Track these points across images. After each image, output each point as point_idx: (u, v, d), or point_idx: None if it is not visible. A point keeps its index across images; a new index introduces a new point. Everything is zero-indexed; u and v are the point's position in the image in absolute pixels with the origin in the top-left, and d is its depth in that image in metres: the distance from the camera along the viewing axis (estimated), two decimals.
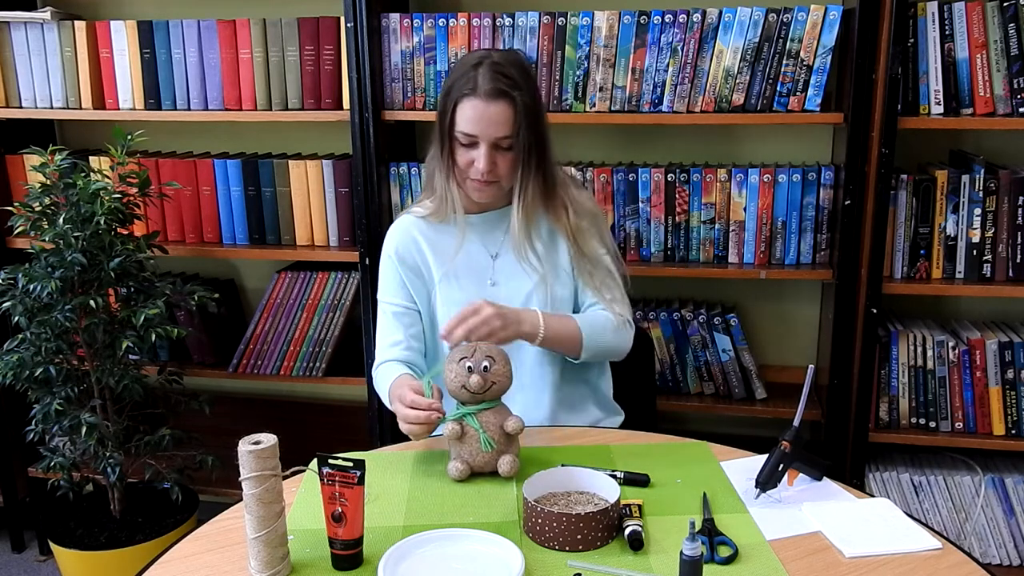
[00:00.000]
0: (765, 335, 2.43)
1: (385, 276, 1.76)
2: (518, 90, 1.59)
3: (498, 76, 1.58)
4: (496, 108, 1.58)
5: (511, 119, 1.59)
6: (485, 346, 1.43)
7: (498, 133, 1.59)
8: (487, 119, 1.58)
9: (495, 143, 1.60)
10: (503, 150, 1.62)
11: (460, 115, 1.60)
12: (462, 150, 1.63)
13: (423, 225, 1.75)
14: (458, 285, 1.72)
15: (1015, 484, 2.14)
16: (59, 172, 2.07)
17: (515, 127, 1.59)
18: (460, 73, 1.61)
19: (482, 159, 1.60)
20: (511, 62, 1.62)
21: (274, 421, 2.66)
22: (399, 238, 1.76)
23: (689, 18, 2.03)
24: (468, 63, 1.61)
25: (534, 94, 1.64)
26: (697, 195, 2.16)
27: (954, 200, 2.02)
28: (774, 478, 1.35)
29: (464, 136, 1.61)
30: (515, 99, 1.58)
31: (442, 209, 1.70)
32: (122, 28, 2.30)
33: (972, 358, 2.09)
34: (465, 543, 1.20)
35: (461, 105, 1.60)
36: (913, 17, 1.95)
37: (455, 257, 1.71)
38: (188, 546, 1.25)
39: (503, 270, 1.73)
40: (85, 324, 2.06)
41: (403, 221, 1.78)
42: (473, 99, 1.58)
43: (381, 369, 1.70)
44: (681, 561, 1.05)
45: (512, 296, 1.70)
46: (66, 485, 2.20)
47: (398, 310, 1.73)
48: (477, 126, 1.59)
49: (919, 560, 1.19)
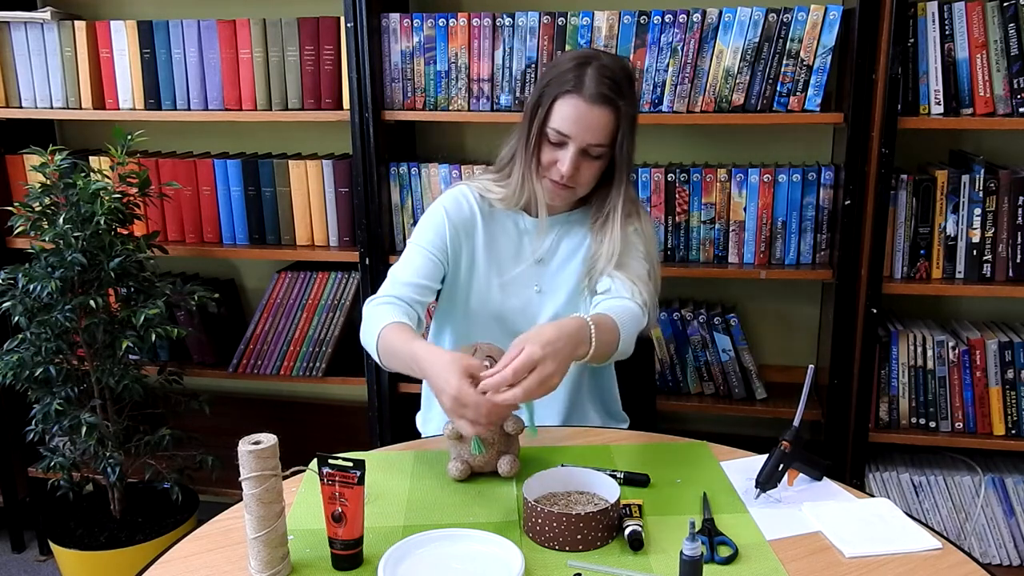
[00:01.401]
0: (765, 335, 2.43)
1: (429, 224, 1.65)
2: (623, 99, 1.52)
3: (606, 80, 1.51)
4: (598, 113, 1.51)
5: (610, 127, 1.53)
6: (486, 346, 1.42)
7: (593, 139, 1.53)
8: (585, 122, 1.52)
9: (585, 148, 1.54)
10: (591, 157, 1.56)
11: (557, 111, 1.53)
12: (549, 147, 1.56)
13: (484, 207, 1.67)
14: (502, 283, 1.66)
15: (1015, 484, 2.14)
16: (59, 172, 2.07)
17: (611, 136, 1.54)
18: (564, 68, 1.54)
19: (567, 162, 1.54)
20: (620, 68, 1.55)
21: (274, 421, 2.66)
22: (457, 203, 1.67)
23: (689, 18, 2.03)
24: (572, 59, 1.54)
25: (636, 107, 1.58)
26: (697, 195, 2.16)
27: (954, 200, 2.02)
28: (774, 478, 1.35)
29: (555, 134, 1.54)
30: (619, 108, 1.52)
31: (513, 198, 1.63)
32: (122, 28, 2.30)
33: (972, 358, 2.09)
34: (465, 543, 1.20)
35: (561, 101, 1.52)
36: (913, 17, 1.95)
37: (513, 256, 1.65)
38: (188, 546, 1.25)
39: (548, 278, 1.67)
40: (85, 324, 2.06)
41: (467, 193, 1.68)
42: (576, 98, 1.51)
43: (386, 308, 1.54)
44: (681, 561, 1.05)
45: (550, 306, 1.66)
46: (66, 485, 2.20)
47: (431, 257, 1.63)
48: (574, 127, 1.52)
49: (919, 560, 1.19)
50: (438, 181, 2.25)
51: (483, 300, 1.67)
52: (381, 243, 2.26)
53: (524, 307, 1.67)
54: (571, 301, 1.66)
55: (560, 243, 1.67)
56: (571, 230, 1.68)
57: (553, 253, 1.68)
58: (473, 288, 1.67)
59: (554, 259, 1.67)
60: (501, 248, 1.67)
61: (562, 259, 1.67)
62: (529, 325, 1.56)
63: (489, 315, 1.67)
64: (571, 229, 1.68)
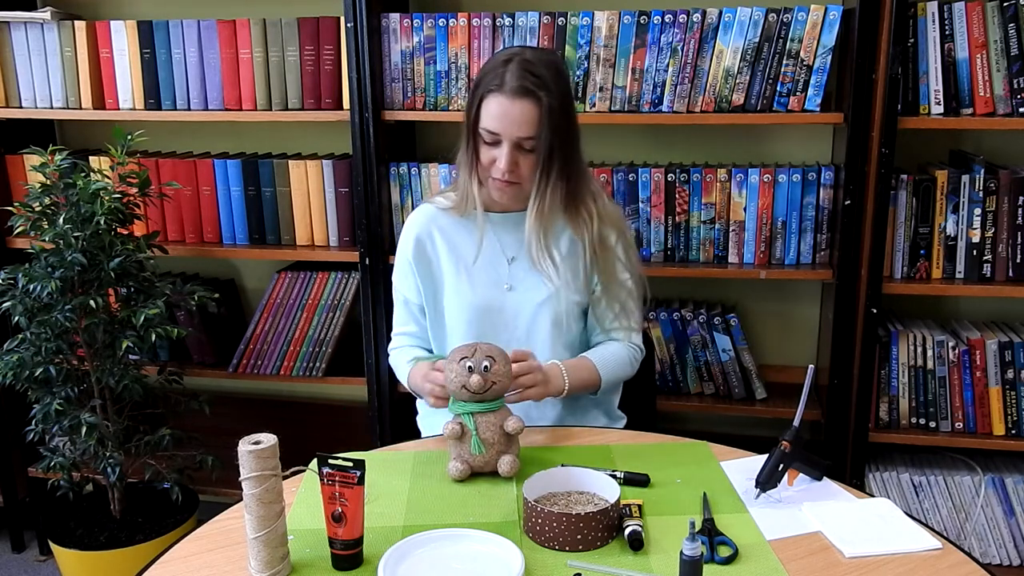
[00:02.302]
0: (765, 335, 2.43)
1: (400, 266, 1.76)
2: (545, 90, 1.54)
3: (526, 74, 1.54)
4: (520, 107, 1.54)
5: (535, 119, 1.55)
6: (486, 346, 1.42)
7: (520, 132, 1.55)
8: (510, 117, 1.55)
9: (518, 143, 1.57)
10: (526, 151, 1.58)
11: (485, 111, 1.57)
12: (485, 148, 1.60)
13: (443, 218, 1.73)
14: (471, 284, 1.70)
15: (1015, 484, 2.14)
16: (59, 172, 2.07)
17: (539, 128, 1.55)
18: (490, 68, 1.58)
19: (503, 158, 1.57)
20: (543, 61, 1.57)
21: (274, 421, 2.65)
22: (417, 228, 1.74)
23: (689, 18, 2.03)
24: (500, 59, 1.58)
25: (564, 97, 1.58)
26: (697, 195, 2.16)
27: (954, 200, 2.02)
28: (774, 478, 1.35)
29: (487, 133, 1.57)
30: (541, 99, 1.54)
31: (462, 205, 1.68)
32: (122, 28, 2.30)
33: (972, 358, 2.09)
34: (465, 543, 1.20)
35: (487, 101, 1.56)
36: (913, 17, 1.95)
37: (474, 258, 1.69)
38: (188, 546, 1.25)
39: (519, 275, 1.70)
40: (85, 324, 2.06)
41: (425, 210, 1.76)
42: (499, 96, 1.55)
43: (399, 352, 1.77)
44: (681, 561, 1.05)
45: (525, 304, 1.69)
46: (66, 485, 2.20)
47: (411, 303, 1.76)
48: (500, 123, 1.56)
49: (919, 560, 1.19)
50: (438, 181, 2.25)
51: (462, 306, 1.70)
52: (381, 243, 2.26)
53: (500, 308, 1.69)
54: (549, 300, 1.67)
55: (530, 239, 1.67)
56: None
57: (523, 251, 1.68)
58: (450, 298, 1.71)
59: (528, 257, 1.67)
60: (466, 254, 1.70)
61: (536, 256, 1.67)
62: (507, 325, 1.69)
63: (465, 319, 1.69)
64: None
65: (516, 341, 1.69)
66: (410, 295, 1.75)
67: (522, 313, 1.69)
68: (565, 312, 1.68)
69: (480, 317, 1.69)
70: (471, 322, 1.69)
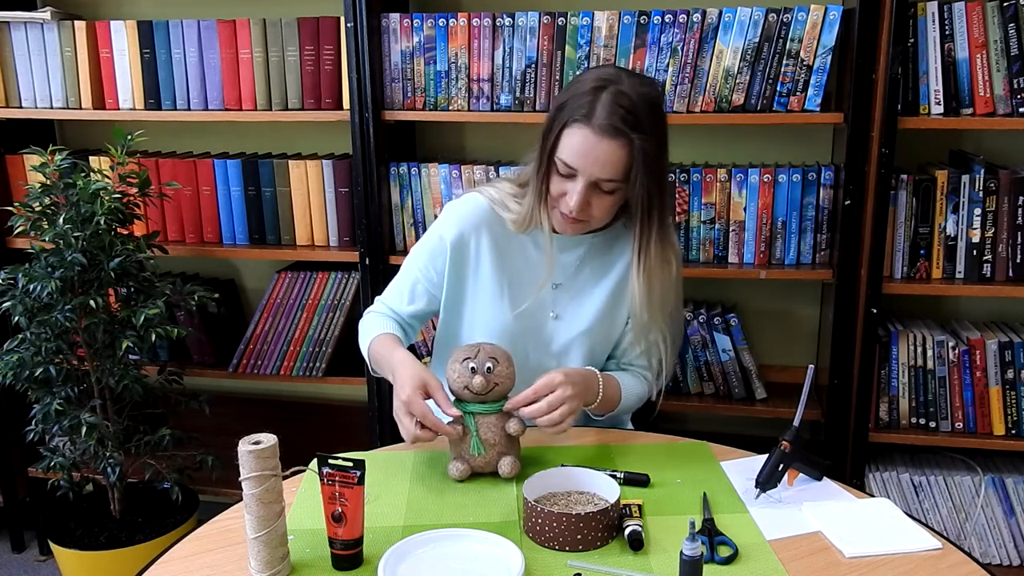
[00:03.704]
0: (765, 335, 2.43)
1: (428, 248, 1.60)
2: (639, 132, 1.38)
3: (619, 109, 1.37)
4: (608, 146, 1.38)
5: (622, 162, 1.40)
6: (489, 347, 1.42)
7: (602, 174, 1.40)
8: (593, 156, 1.39)
9: (596, 183, 1.42)
10: (603, 192, 1.44)
11: (565, 141, 1.41)
12: (558, 178, 1.45)
13: (497, 225, 1.57)
14: (512, 306, 1.57)
15: (1015, 484, 2.14)
16: (59, 172, 2.07)
17: (624, 172, 1.41)
18: (579, 91, 1.41)
19: (576, 196, 1.42)
20: (641, 96, 1.40)
21: (274, 421, 2.66)
22: (464, 222, 1.58)
23: (689, 18, 2.03)
24: (591, 81, 1.41)
25: (660, 140, 1.43)
26: (697, 195, 2.16)
27: (954, 200, 2.02)
28: (774, 478, 1.35)
29: (564, 165, 1.42)
30: (633, 141, 1.38)
31: (523, 223, 1.53)
32: (122, 28, 2.30)
33: (972, 358, 2.09)
34: (465, 543, 1.20)
35: (569, 130, 1.41)
36: (913, 17, 1.95)
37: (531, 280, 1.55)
38: (188, 546, 1.25)
39: (563, 302, 1.59)
40: (85, 324, 2.06)
41: (478, 205, 1.59)
42: (584, 128, 1.39)
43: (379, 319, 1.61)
44: (681, 561, 1.05)
45: (567, 333, 1.60)
46: (66, 485, 2.20)
47: (420, 286, 1.62)
48: (581, 160, 1.40)
49: (919, 560, 1.19)
50: (438, 181, 2.25)
51: (493, 326, 1.58)
52: (381, 243, 2.26)
53: (537, 333, 1.59)
54: (591, 330, 1.59)
55: (584, 267, 1.57)
56: (597, 253, 1.59)
57: (574, 278, 1.58)
58: (480, 312, 1.60)
59: (575, 284, 1.58)
60: (514, 270, 1.58)
61: (584, 284, 1.58)
62: (541, 352, 1.60)
63: (495, 336, 1.58)
64: (597, 252, 1.58)
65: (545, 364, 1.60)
66: (425, 275, 1.60)
67: (560, 340, 1.60)
68: (602, 342, 1.62)
69: (514, 338, 1.57)
70: (501, 340, 1.54)
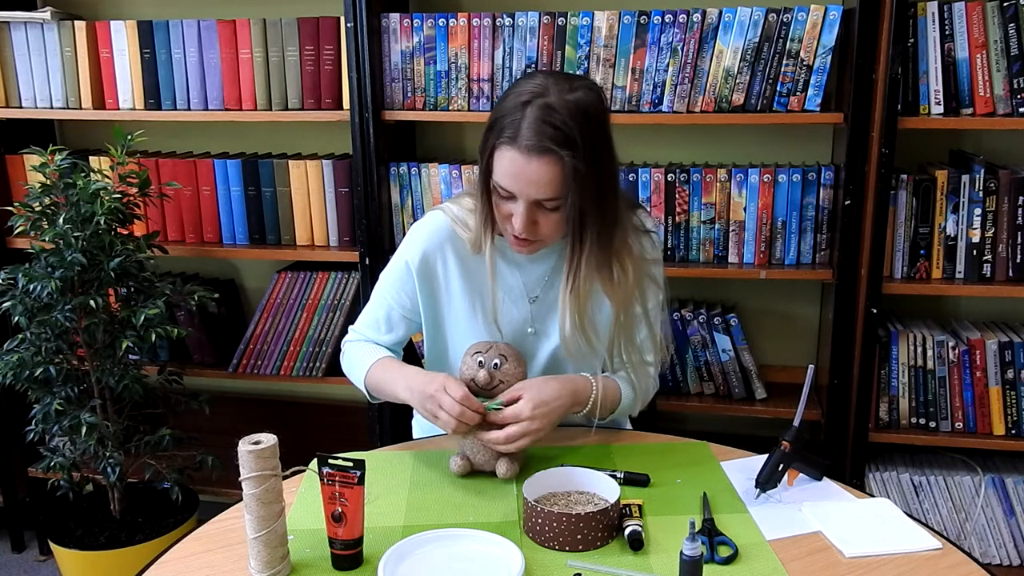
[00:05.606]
0: (765, 335, 2.43)
1: (396, 275, 1.56)
2: (568, 147, 1.29)
3: (545, 127, 1.29)
4: (537, 166, 1.31)
5: (557, 179, 1.32)
6: (503, 346, 1.43)
7: (539, 195, 1.33)
8: (525, 178, 1.32)
9: (537, 202, 1.36)
10: (547, 210, 1.37)
11: (497, 164, 1.35)
12: (500, 200, 1.39)
13: (459, 242, 1.52)
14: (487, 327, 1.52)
15: (1015, 484, 2.14)
16: (59, 172, 2.07)
17: (564, 188, 1.33)
18: (508, 108, 1.34)
19: (519, 217, 1.36)
20: (571, 108, 1.30)
21: (274, 421, 2.66)
22: (427, 242, 1.52)
23: (689, 18, 2.03)
24: (520, 95, 1.33)
25: (594, 149, 1.33)
26: (697, 195, 2.16)
27: (954, 200, 2.02)
28: (774, 478, 1.35)
29: (501, 188, 1.36)
30: (563, 158, 1.29)
31: (477, 244, 1.48)
32: (122, 28, 2.30)
33: (972, 358, 2.09)
34: (465, 543, 1.20)
35: (499, 152, 1.33)
36: (913, 17, 1.95)
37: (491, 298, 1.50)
38: (188, 546, 1.25)
39: (542, 316, 1.54)
40: (85, 324, 2.06)
41: (438, 224, 1.53)
42: (512, 150, 1.31)
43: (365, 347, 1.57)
44: (681, 561, 1.05)
45: (548, 345, 1.56)
46: (66, 485, 2.20)
47: (394, 313, 1.58)
48: (515, 183, 1.34)
49: (919, 560, 1.19)
50: (438, 181, 2.25)
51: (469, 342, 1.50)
52: (381, 243, 2.26)
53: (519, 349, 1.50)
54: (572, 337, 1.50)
55: (555, 279, 1.51)
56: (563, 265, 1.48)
57: (547, 291, 1.54)
58: (461, 329, 1.55)
59: (549, 296, 1.53)
60: (484, 285, 1.51)
61: (558, 296, 1.49)
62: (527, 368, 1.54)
63: None
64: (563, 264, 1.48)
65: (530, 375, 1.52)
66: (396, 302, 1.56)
67: (542, 354, 1.57)
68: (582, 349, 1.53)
69: None
70: None
